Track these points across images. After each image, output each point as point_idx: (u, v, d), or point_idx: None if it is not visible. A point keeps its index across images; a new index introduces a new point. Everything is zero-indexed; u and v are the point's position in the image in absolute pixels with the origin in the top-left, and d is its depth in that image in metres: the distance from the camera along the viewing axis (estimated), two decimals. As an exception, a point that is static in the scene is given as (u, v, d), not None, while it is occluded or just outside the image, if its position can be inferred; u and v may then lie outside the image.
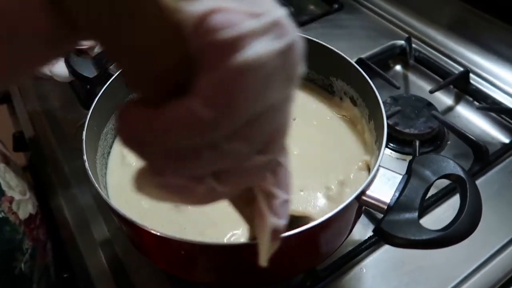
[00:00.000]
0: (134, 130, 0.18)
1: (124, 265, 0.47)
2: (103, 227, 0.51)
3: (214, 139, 0.17)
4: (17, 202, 0.47)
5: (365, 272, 0.46)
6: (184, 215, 0.40)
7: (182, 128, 0.17)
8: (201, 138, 0.17)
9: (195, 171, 0.18)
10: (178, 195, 0.19)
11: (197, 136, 0.17)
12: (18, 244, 0.45)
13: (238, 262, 0.34)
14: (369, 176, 0.34)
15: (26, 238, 0.47)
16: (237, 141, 0.17)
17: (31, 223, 0.49)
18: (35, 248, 0.48)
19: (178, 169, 0.18)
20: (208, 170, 0.18)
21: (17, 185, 0.49)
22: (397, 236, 0.31)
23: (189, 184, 0.19)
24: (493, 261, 0.46)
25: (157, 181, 0.19)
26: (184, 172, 0.18)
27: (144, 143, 0.18)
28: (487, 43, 0.69)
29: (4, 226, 0.44)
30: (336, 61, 0.46)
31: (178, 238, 0.30)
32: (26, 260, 0.46)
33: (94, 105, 0.41)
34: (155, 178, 0.19)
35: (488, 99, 0.63)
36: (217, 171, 0.19)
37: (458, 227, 0.30)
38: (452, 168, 0.34)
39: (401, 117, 0.59)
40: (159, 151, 0.18)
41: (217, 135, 0.17)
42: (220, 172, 0.19)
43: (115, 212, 0.33)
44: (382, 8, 0.80)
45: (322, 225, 0.32)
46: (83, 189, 0.55)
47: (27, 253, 0.46)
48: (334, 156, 0.45)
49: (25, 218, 0.48)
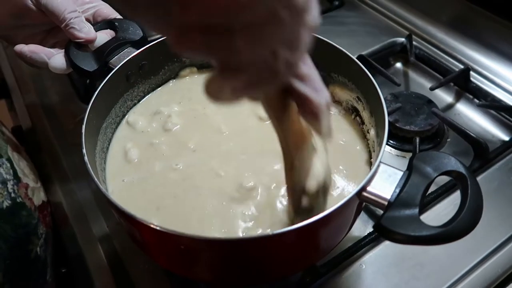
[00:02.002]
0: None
1: (123, 261, 0.47)
2: (102, 223, 0.50)
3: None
4: (31, 188, 0.48)
5: (365, 268, 0.46)
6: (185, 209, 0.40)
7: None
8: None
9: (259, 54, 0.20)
10: (246, 91, 0.22)
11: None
12: (33, 229, 0.46)
13: (238, 258, 0.34)
14: (370, 172, 0.34)
15: (41, 223, 0.48)
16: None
17: (44, 209, 0.49)
18: (48, 233, 0.48)
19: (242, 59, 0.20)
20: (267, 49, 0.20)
21: (30, 173, 0.50)
22: (398, 232, 0.31)
23: (254, 76, 0.21)
24: (493, 257, 0.46)
25: (229, 82, 0.21)
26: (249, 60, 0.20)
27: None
28: (487, 41, 0.68)
29: (21, 210, 0.45)
30: (338, 58, 0.46)
31: (177, 232, 0.30)
32: (41, 244, 0.47)
33: (94, 99, 0.41)
34: (227, 80, 0.21)
35: (488, 96, 0.63)
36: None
37: (459, 224, 0.30)
38: (453, 165, 0.34)
39: (401, 114, 0.59)
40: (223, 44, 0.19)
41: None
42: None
43: (114, 206, 0.33)
44: (383, 5, 0.80)
45: (322, 221, 0.32)
46: (81, 184, 0.54)
47: (41, 237, 0.47)
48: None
49: (39, 205, 0.49)
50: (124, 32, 0.48)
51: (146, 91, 0.51)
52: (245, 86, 0.21)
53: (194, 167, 0.43)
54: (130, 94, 0.49)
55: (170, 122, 0.48)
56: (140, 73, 0.49)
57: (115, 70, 0.45)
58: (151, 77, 0.51)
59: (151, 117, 0.49)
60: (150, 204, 0.40)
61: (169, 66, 0.52)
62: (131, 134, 0.47)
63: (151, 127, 0.48)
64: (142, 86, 0.50)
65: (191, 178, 0.42)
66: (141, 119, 0.49)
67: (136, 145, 0.46)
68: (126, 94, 0.48)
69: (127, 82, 0.48)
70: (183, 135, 0.47)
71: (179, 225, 0.38)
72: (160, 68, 0.51)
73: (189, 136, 0.47)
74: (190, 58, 0.52)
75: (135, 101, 0.50)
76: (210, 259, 0.35)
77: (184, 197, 0.41)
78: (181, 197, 0.41)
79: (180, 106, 0.50)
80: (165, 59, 0.51)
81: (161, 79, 0.52)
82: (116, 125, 0.47)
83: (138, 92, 0.50)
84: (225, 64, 0.21)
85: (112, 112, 0.46)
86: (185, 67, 0.53)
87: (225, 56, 0.20)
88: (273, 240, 0.32)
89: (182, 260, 0.36)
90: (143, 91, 0.51)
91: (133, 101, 0.50)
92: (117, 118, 0.48)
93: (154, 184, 0.42)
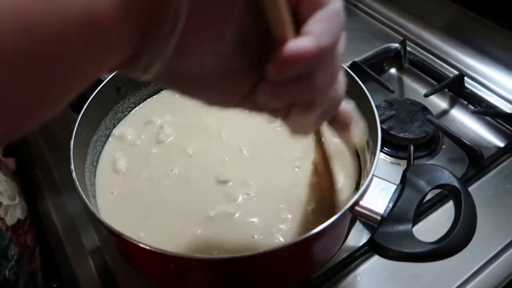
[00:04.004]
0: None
1: (114, 275, 0.46)
2: (93, 235, 0.50)
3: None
4: (4, 207, 0.47)
5: (360, 280, 0.45)
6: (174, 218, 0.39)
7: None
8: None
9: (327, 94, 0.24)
10: (321, 120, 0.27)
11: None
12: (3, 251, 0.45)
13: (230, 275, 0.34)
14: (363, 186, 0.34)
15: (13, 244, 0.46)
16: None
17: (19, 228, 0.48)
18: (21, 254, 0.47)
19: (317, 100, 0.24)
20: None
21: (6, 190, 0.48)
22: (391, 249, 0.30)
23: (327, 105, 0.25)
24: (489, 267, 0.46)
25: (308, 118, 0.24)
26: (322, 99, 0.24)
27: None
28: (482, 47, 0.68)
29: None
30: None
31: (167, 251, 0.30)
32: (12, 266, 0.46)
33: (83, 112, 0.40)
34: (306, 116, 0.24)
35: (482, 102, 0.63)
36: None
37: (452, 240, 0.30)
38: (447, 178, 0.33)
39: (396, 121, 0.58)
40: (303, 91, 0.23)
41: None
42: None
43: (102, 224, 0.32)
44: (377, 10, 0.79)
45: (315, 236, 0.31)
46: (72, 196, 0.54)
47: (12, 259, 0.46)
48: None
49: (12, 224, 0.47)
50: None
51: (137, 103, 0.50)
52: (322, 116, 0.26)
53: (188, 174, 0.43)
54: (120, 106, 0.48)
55: (162, 133, 0.47)
56: (130, 84, 0.48)
57: (105, 82, 0.44)
58: (142, 88, 0.50)
59: (143, 127, 0.48)
60: (139, 215, 0.40)
61: (160, 77, 0.51)
62: (120, 145, 0.47)
63: (141, 138, 0.47)
64: (133, 97, 0.49)
65: (183, 185, 0.42)
66: (131, 130, 0.48)
67: (125, 155, 0.45)
68: (117, 106, 0.48)
69: (117, 93, 0.47)
70: (176, 144, 0.46)
71: (168, 236, 0.38)
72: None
73: (184, 144, 0.46)
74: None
75: (126, 113, 0.49)
76: (201, 277, 0.34)
77: (173, 206, 0.40)
78: (170, 206, 0.40)
79: (173, 116, 0.49)
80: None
81: (152, 90, 0.51)
82: (106, 137, 0.47)
83: (129, 103, 0.49)
84: (308, 102, 0.24)
85: (102, 125, 0.45)
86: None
87: (307, 96, 0.23)
88: (265, 257, 0.31)
89: (173, 278, 0.35)
90: (134, 103, 0.50)
91: (124, 113, 0.49)
92: (107, 130, 0.47)
93: (142, 193, 0.42)
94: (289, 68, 0.20)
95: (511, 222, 0.49)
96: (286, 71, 0.21)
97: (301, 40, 0.20)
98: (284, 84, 0.22)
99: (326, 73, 0.23)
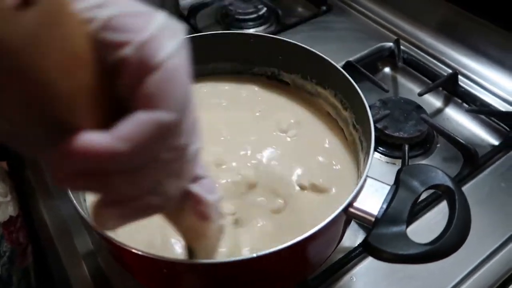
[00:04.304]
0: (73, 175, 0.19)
1: (108, 278, 0.45)
2: (87, 239, 0.49)
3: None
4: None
5: (356, 281, 0.45)
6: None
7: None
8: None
9: (142, 188, 0.21)
10: (135, 215, 0.22)
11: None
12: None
13: (225, 280, 0.33)
14: (356, 187, 0.33)
15: (5, 240, 0.46)
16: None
17: (10, 225, 0.48)
18: (14, 251, 0.47)
19: (129, 193, 0.20)
20: (154, 182, 0.21)
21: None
22: (385, 251, 0.30)
23: (141, 203, 0.21)
24: (484, 266, 0.46)
25: (115, 211, 0.21)
26: (134, 192, 0.21)
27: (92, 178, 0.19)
28: (475, 45, 0.68)
29: None
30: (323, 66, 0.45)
31: (159, 256, 0.29)
32: (4, 263, 0.45)
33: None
34: (113, 209, 0.21)
35: (477, 101, 0.63)
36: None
37: (446, 241, 0.29)
38: (441, 179, 0.33)
39: (390, 120, 0.58)
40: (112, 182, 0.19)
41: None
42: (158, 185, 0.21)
43: (93, 229, 0.32)
44: (371, 10, 0.79)
45: (309, 238, 0.31)
46: (65, 199, 0.53)
47: (5, 255, 0.46)
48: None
49: (4, 221, 0.47)
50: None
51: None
52: (134, 213, 0.22)
53: None
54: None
55: None
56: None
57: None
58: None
59: None
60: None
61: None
62: None
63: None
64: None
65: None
66: None
67: None
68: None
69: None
70: None
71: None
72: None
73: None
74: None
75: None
76: (196, 281, 0.34)
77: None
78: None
79: None
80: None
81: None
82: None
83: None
84: (108, 198, 0.21)
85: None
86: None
87: (106, 192, 0.21)
88: (260, 260, 0.31)
89: (167, 283, 0.35)
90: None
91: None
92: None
93: None
94: (70, 161, 0.18)
95: (506, 221, 0.49)
96: (67, 163, 0.18)
97: (94, 136, 0.18)
98: (71, 174, 0.19)
99: (131, 175, 0.20)
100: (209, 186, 0.26)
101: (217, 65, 0.53)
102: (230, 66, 0.53)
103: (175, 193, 0.22)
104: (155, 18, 0.19)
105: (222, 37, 0.51)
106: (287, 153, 0.46)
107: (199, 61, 0.52)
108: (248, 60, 0.52)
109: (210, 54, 0.51)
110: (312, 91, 0.50)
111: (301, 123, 0.49)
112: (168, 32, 0.19)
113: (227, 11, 0.81)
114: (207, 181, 0.26)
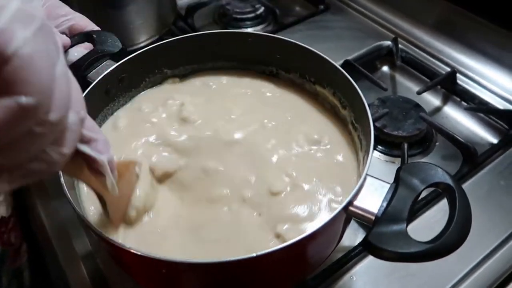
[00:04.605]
0: None
1: (107, 279, 0.45)
2: (85, 240, 0.49)
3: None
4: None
5: (356, 280, 0.45)
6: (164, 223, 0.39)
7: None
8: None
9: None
10: (23, 179, 0.23)
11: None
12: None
13: (224, 280, 0.33)
14: (356, 186, 0.33)
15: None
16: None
17: (2, 226, 0.47)
18: (5, 251, 0.46)
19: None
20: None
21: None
22: (386, 250, 0.30)
23: (26, 169, 0.23)
24: (484, 264, 0.46)
25: (5, 177, 0.23)
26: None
27: None
28: (473, 43, 0.68)
29: None
30: (321, 65, 0.45)
31: (158, 256, 0.29)
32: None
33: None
34: (1, 175, 0.22)
35: (475, 99, 0.63)
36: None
37: (447, 239, 0.29)
38: (441, 176, 0.33)
39: (389, 119, 0.58)
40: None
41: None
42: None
43: (91, 230, 0.31)
44: (368, 9, 0.79)
45: (309, 237, 0.31)
46: (63, 200, 0.52)
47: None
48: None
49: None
50: (103, 44, 0.47)
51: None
52: (21, 177, 0.23)
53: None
54: (110, 109, 0.47)
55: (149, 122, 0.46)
56: (120, 86, 0.47)
57: (94, 84, 0.43)
58: (132, 89, 0.49)
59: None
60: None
61: (150, 78, 0.50)
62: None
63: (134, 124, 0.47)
64: (123, 99, 0.49)
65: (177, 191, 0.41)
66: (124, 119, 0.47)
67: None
68: (106, 108, 0.47)
69: (106, 96, 0.46)
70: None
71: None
72: (141, 80, 0.50)
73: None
74: None
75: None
76: (195, 281, 0.34)
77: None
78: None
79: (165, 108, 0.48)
80: (146, 71, 0.50)
81: (142, 91, 0.51)
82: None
83: (118, 106, 0.48)
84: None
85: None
86: (167, 78, 0.52)
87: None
88: (260, 260, 0.31)
89: (166, 283, 0.35)
90: (124, 104, 0.49)
91: (113, 115, 0.48)
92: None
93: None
94: None
95: (505, 219, 0.49)
96: None
97: None
98: None
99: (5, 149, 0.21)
100: (101, 147, 0.30)
101: (215, 64, 0.53)
102: (228, 65, 0.53)
103: (59, 158, 0.24)
104: (7, 8, 0.20)
105: (220, 36, 0.50)
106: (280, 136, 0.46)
107: (197, 61, 0.52)
108: (246, 59, 0.52)
109: (208, 53, 0.51)
110: (311, 90, 0.50)
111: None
112: (21, 21, 0.20)
113: (224, 11, 0.81)
114: (100, 143, 0.29)
